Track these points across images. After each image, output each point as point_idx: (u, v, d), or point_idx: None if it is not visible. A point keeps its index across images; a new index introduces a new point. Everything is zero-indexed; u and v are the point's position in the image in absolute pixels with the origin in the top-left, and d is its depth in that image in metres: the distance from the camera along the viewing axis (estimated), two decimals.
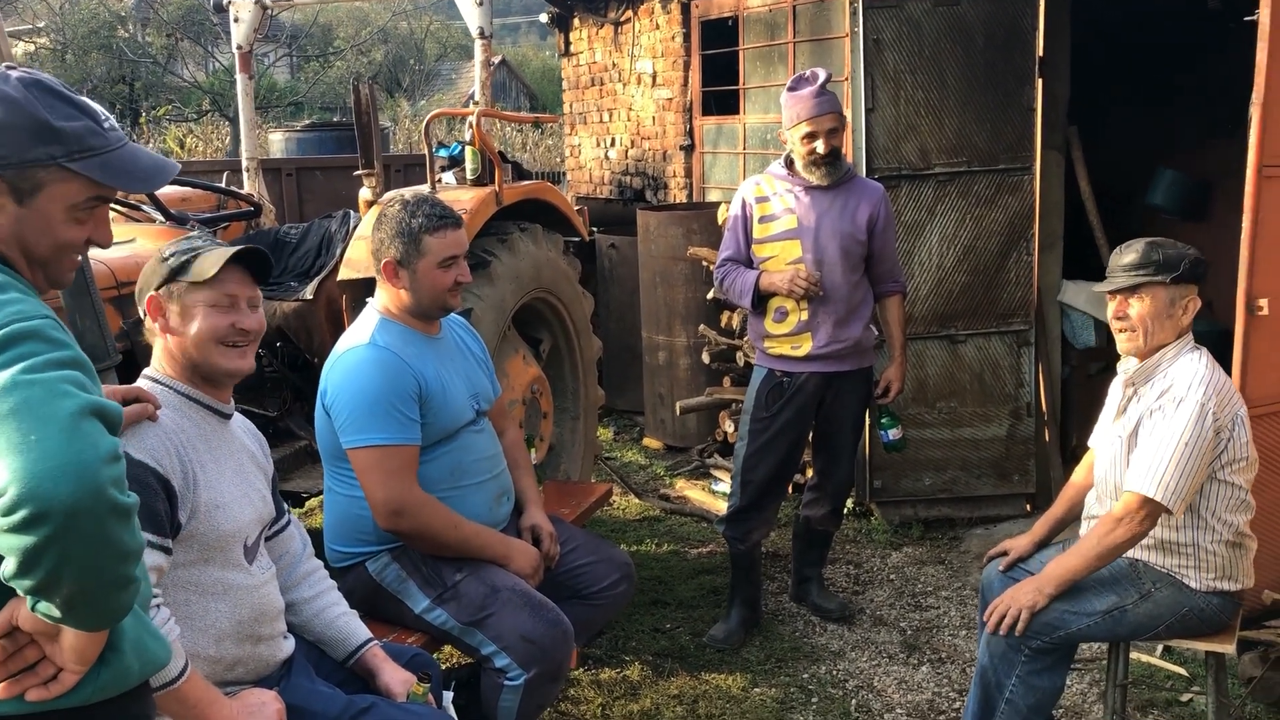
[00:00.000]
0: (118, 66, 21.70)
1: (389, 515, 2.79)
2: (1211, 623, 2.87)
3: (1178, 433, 2.72)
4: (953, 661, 3.95)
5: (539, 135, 18.85)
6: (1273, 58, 3.27)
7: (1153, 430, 2.79)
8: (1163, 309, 2.81)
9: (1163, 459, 2.72)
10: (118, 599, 1.41)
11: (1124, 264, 2.85)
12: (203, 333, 2.21)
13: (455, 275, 2.93)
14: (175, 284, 2.21)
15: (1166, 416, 2.76)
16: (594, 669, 3.88)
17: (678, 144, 7.74)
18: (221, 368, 2.24)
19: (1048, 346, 5.26)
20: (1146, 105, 6.86)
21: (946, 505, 5.15)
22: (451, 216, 2.93)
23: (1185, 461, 2.71)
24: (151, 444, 2.08)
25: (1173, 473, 2.71)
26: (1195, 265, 2.80)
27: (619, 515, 5.47)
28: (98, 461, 1.35)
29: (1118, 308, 2.87)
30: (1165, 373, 2.83)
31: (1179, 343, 2.85)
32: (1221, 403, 2.76)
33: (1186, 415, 2.72)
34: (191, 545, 2.13)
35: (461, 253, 2.94)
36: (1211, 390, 2.74)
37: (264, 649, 2.27)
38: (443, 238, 2.89)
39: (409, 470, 2.81)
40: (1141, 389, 2.88)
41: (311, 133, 8.13)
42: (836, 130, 3.81)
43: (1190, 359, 2.82)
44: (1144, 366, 2.87)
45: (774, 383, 4.00)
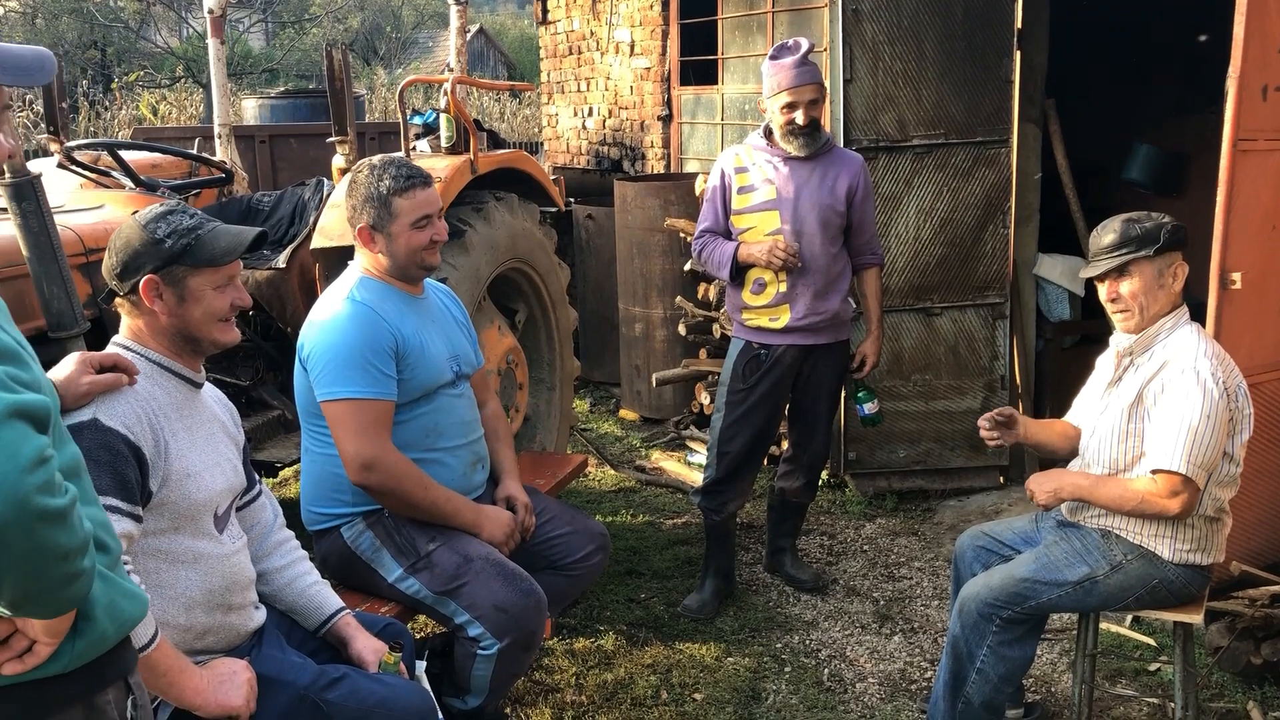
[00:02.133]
0: (89, 31, 21.35)
1: (359, 469, 2.77)
2: (1180, 594, 2.89)
3: (1196, 406, 2.69)
4: (924, 631, 3.98)
5: (517, 104, 18.69)
6: (1249, 31, 3.27)
7: (1168, 405, 2.75)
8: (1152, 282, 2.81)
9: (1187, 434, 2.68)
10: (66, 592, 1.37)
11: (1105, 245, 2.84)
12: (208, 314, 2.21)
13: (430, 234, 2.92)
14: (178, 267, 2.17)
15: (1179, 390, 2.73)
16: (568, 639, 3.89)
17: (656, 114, 7.69)
18: (220, 342, 2.26)
19: (1022, 319, 5.28)
20: (1123, 80, 6.87)
21: (920, 477, 5.18)
22: (420, 175, 2.91)
23: (1209, 434, 2.69)
24: (123, 411, 2.06)
25: (1199, 445, 2.68)
26: (1175, 232, 2.80)
27: (595, 486, 5.48)
28: (17, 472, 1.27)
29: (1109, 290, 2.86)
30: (1165, 344, 2.82)
31: (1175, 314, 2.84)
32: (1227, 372, 2.76)
33: (1201, 388, 2.70)
34: (162, 513, 2.11)
35: (434, 211, 2.93)
36: (1215, 361, 2.75)
37: (234, 618, 2.26)
38: (412, 198, 2.87)
39: (382, 425, 2.80)
40: (1139, 359, 2.87)
41: (285, 100, 8.04)
42: (817, 102, 3.79)
43: (1187, 331, 2.82)
44: (1142, 338, 2.85)
45: (751, 354, 3.99)
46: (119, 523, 1.96)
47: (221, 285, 2.22)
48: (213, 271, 2.20)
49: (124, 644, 1.59)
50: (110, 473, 1.98)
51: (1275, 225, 3.52)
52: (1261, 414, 3.59)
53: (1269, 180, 3.47)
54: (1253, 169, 3.40)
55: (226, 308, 2.23)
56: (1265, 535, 3.70)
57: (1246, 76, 3.31)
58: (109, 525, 1.54)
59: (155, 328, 2.20)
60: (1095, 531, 2.94)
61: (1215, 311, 3.43)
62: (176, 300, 2.18)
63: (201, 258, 2.18)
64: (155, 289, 2.17)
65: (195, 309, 2.19)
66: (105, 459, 1.98)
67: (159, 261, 2.16)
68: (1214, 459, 2.73)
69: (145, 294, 2.16)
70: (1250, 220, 3.44)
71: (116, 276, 2.19)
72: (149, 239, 2.16)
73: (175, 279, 2.17)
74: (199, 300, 2.19)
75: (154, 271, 2.16)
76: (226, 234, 2.23)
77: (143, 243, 2.17)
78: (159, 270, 2.16)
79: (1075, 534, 2.97)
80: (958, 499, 5.10)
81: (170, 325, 2.20)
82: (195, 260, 2.17)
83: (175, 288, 2.18)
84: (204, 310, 2.20)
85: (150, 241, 2.16)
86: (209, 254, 2.19)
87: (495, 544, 2.96)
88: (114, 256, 2.19)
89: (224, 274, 2.22)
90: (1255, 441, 3.46)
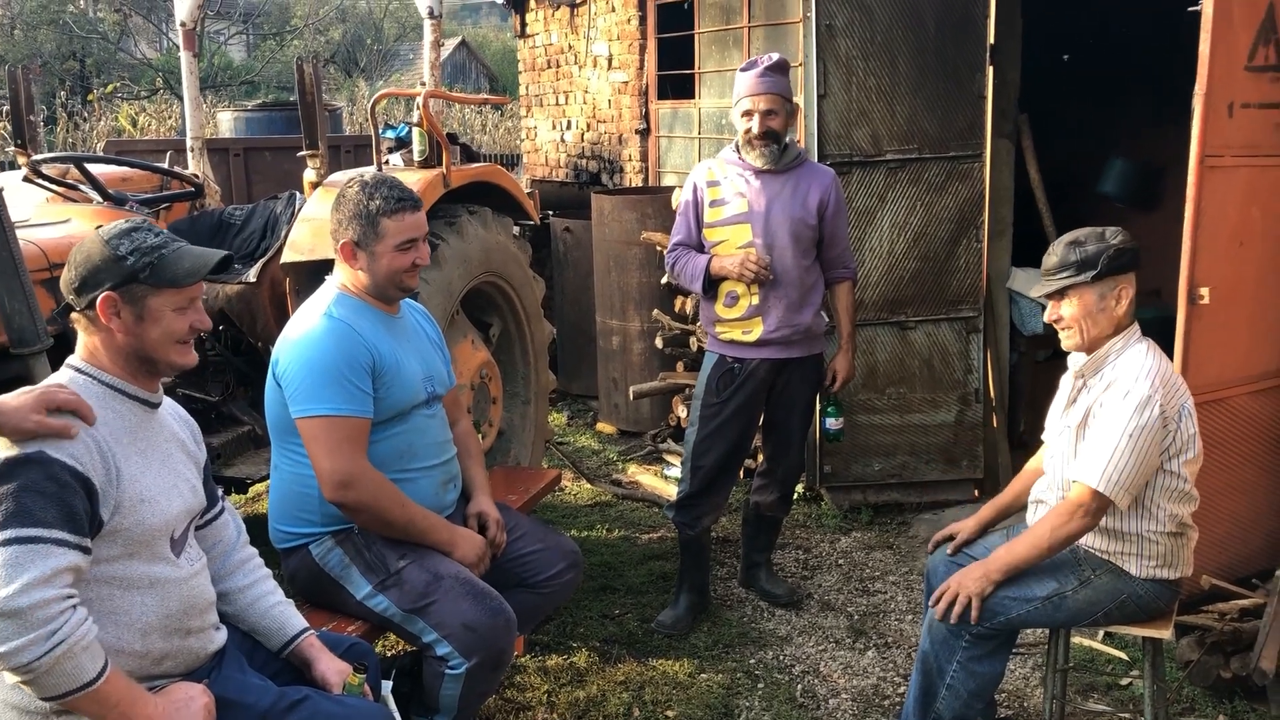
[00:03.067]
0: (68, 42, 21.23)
1: (335, 486, 2.74)
2: (1149, 609, 2.90)
3: (1122, 425, 2.74)
4: (898, 646, 3.97)
5: (498, 117, 18.69)
6: (1215, 49, 3.30)
7: (1099, 422, 2.80)
8: (1092, 306, 2.81)
9: (1108, 451, 2.74)
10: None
11: (1048, 268, 2.86)
12: (166, 336, 2.17)
13: (414, 257, 2.90)
14: (137, 286, 2.13)
15: (1112, 408, 2.77)
16: (541, 655, 3.87)
17: (633, 128, 7.70)
18: (177, 365, 2.22)
19: (996, 333, 5.29)
20: (1099, 94, 6.92)
21: (895, 490, 5.18)
22: (411, 199, 2.89)
23: (1130, 454, 2.72)
24: (72, 442, 2.01)
25: (1117, 464, 2.73)
26: (1117, 258, 2.78)
27: (570, 500, 5.46)
28: None
29: (1051, 311, 2.90)
30: (1113, 364, 2.84)
31: (1125, 334, 2.85)
32: (1168, 394, 2.76)
33: (1131, 407, 2.74)
34: (115, 540, 2.08)
35: (420, 235, 2.91)
36: (1158, 381, 2.75)
37: (193, 642, 2.23)
38: (401, 220, 2.85)
39: (358, 442, 2.77)
40: (1090, 380, 2.89)
41: (261, 112, 8.00)
42: (774, 112, 3.80)
43: (1137, 350, 2.83)
44: (1093, 359, 2.88)
45: (725, 368, 3.99)
46: (65, 555, 1.93)
47: (182, 307, 2.18)
48: (174, 292, 2.16)
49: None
50: (57, 504, 1.94)
51: (1243, 241, 3.54)
52: (1230, 428, 3.61)
53: (1236, 196, 3.49)
54: (1220, 185, 3.42)
55: (185, 330, 2.19)
56: (1235, 549, 3.71)
57: (1212, 94, 3.33)
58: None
59: (111, 346, 2.16)
60: None
61: (1184, 326, 3.45)
62: (134, 319, 2.14)
63: (163, 278, 2.14)
64: (113, 306, 2.13)
65: (153, 329, 2.15)
66: (51, 490, 1.94)
67: (118, 279, 2.11)
68: (1135, 480, 2.74)
69: (102, 311, 2.12)
70: (1218, 236, 3.46)
71: (74, 291, 2.14)
72: (110, 255, 2.12)
73: (134, 298, 2.13)
74: (157, 321, 2.15)
75: (113, 289, 2.11)
76: (190, 255, 2.19)
77: (103, 258, 2.12)
78: (118, 288, 2.12)
79: None
80: (933, 512, 5.10)
81: (126, 344, 2.16)
82: (156, 280, 2.14)
83: (134, 306, 2.14)
84: (162, 331, 2.16)
85: (112, 257, 2.12)
86: (171, 275, 2.15)
87: (467, 564, 2.93)
88: (73, 270, 2.14)
89: (185, 295, 2.18)
90: (1225, 456, 3.49)
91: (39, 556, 1.90)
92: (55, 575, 1.90)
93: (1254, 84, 3.44)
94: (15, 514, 1.91)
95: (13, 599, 1.86)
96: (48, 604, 1.88)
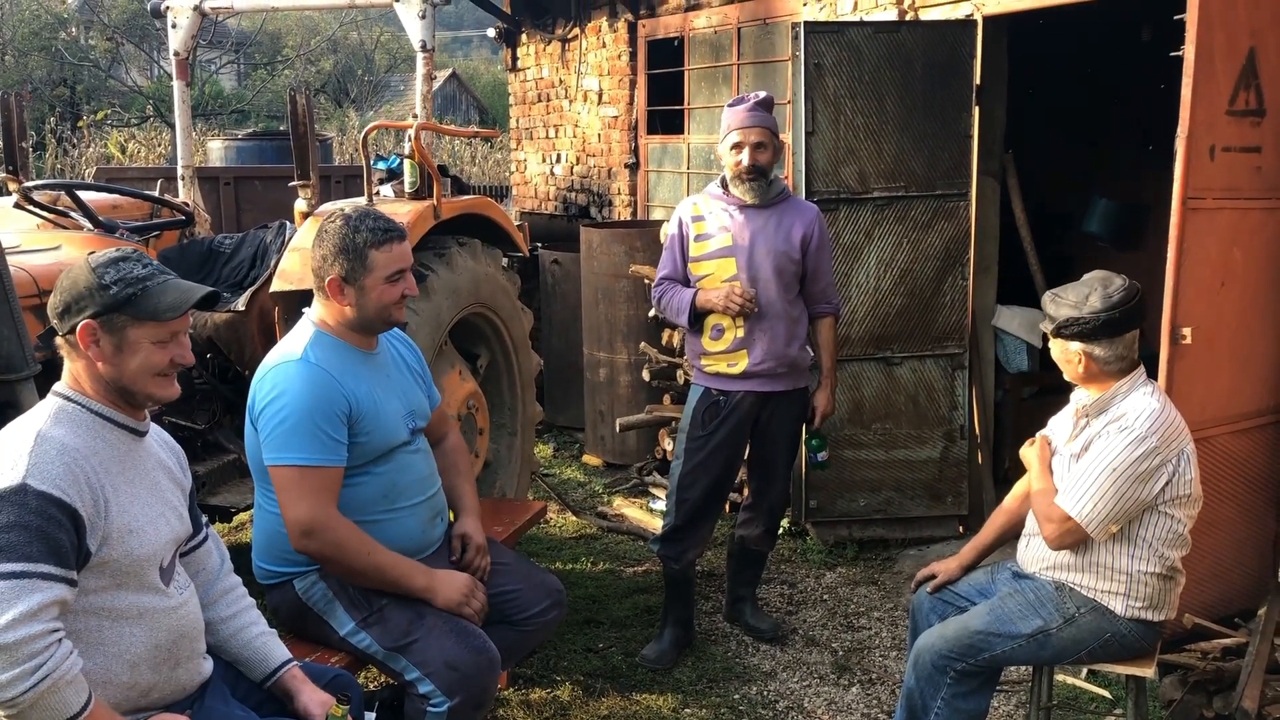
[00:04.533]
0: (59, 69, 21.29)
1: (299, 535, 2.70)
2: (1132, 648, 2.90)
3: (1110, 460, 2.76)
4: (883, 683, 3.96)
5: (488, 149, 18.78)
6: (1197, 93, 3.35)
7: (1092, 452, 2.82)
8: (1100, 359, 2.83)
9: (1089, 482, 2.77)
10: None
11: (1054, 318, 2.85)
12: (144, 368, 2.15)
13: (402, 289, 2.86)
14: (119, 316, 2.12)
15: (1108, 441, 2.79)
16: (524, 689, 3.85)
17: (623, 162, 7.76)
18: (156, 397, 2.21)
19: (981, 370, 5.32)
20: (1083, 135, 7.01)
21: (881, 526, 5.19)
22: (396, 229, 2.86)
23: (1111, 489, 2.75)
24: (57, 473, 2.00)
25: (1096, 497, 2.76)
26: (1119, 322, 2.78)
27: (555, 533, 5.44)
28: None
29: (1055, 348, 2.91)
30: (1118, 405, 2.85)
31: (1132, 376, 2.87)
32: (1167, 438, 2.77)
33: (1124, 444, 2.75)
34: (104, 572, 2.07)
35: (408, 266, 2.88)
36: (1160, 424, 2.76)
37: (181, 672, 2.22)
38: (389, 251, 2.82)
39: (328, 492, 2.73)
40: (1094, 420, 2.91)
41: (251, 141, 8.02)
42: (764, 145, 3.84)
43: (1143, 393, 2.84)
44: (1098, 401, 2.89)
45: (710, 401, 4.01)
46: (51, 589, 1.92)
47: (163, 340, 2.16)
48: (155, 325, 2.14)
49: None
50: (41, 538, 1.93)
51: (1224, 281, 3.59)
52: (1212, 467, 3.64)
53: (1218, 237, 3.54)
54: (1202, 226, 3.47)
55: (165, 363, 2.17)
56: (1217, 588, 3.73)
57: (1194, 137, 3.39)
58: None
59: (93, 374, 2.15)
60: (1049, 584, 2.95)
61: (1166, 366, 3.48)
62: (113, 349, 2.13)
63: (144, 310, 2.13)
64: (92, 335, 2.12)
65: (131, 360, 2.14)
66: (36, 524, 1.93)
67: (99, 307, 2.10)
68: (1111, 514, 2.77)
69: (81, 338, 2.11)
70: (1200, 276, 3.50)
71: (58, 316, 2.14)
72: (95, 283, 2.11)
73: (114, 328, 2.12)
74: (136, 352, 2.13)
75: (93, 316, 2.11)
76: (175, 289, 2.17)
77: (87, 285, 2.11)
78: (98, 316, 2.11)
79: (1029, 586, 2.98)
80: (918, 548, 5.11)
81: (105, 373, 2.14)
82: (138, 312, 2.12)
83: (113, 336, 2.12)
84: (140, 363, 2.14)
85: (96, 285, 2.11)
86: (153, 307, 2.13)
87: (452, 608, 2.84)
88: (58, 295, 2.14)
89: (167, 329, 2.16)
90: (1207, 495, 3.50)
91: (25, 591, 1.89)
92: (42, 610, 1.89)
93: (1235, 128, 3.50)
94: (0, 549, 1.91)
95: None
96: (34, 639, 1.87)
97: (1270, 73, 3.54)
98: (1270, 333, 3.75)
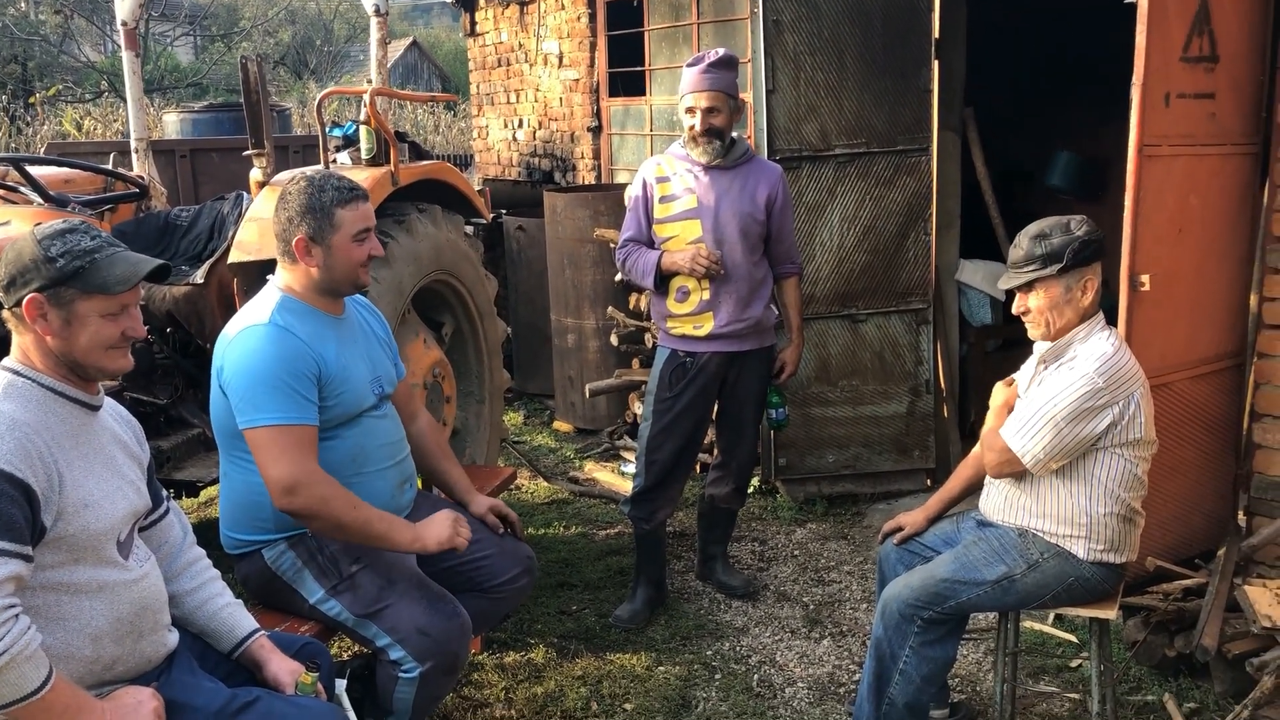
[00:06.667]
0: (9, 46, 20.85)
1: (282, 492, 2.68)
2: (1096, 591, 2.95)
3: (1052, 396, 2.82)
4: (854, 635, 4.01)
5: (451, 117, 18.60)
6: (1151, 40, 3.35)
7: (1040, 390, 2.88)
8: (1059, 298, 2.86)
9: (1030, 418, 2.84)
10: None
11: (1014, 260, 2.90)
12: (95, 342, 2.12)
13: (369, 249, 2.87)
14: (65, 289, 2.07)
15: (1054, 380, 2.85)
16: (498, 653, 3.86)
17: (585, 125, 7.70)
18: (108, 370, 2.17)
19: (946, 325, 5.35)
20: (1044, 90, 7.01)
21: (849, 481, 5.23)
22: (359, 190, 2.87)
23: (1049, 426, 2.81)
24: (8, 449, 1.97)
25: (1035, 432, 2.83)
26: (1083, 249, 2.83)
27: (527, 499, 5.45)
28: None
29: (1018, 304, 2.94)
30: (1073, 350, 2.89)
31: (1089, 323, 2.90)
32: (1115, 380, 2.80)
33: (1067, 383, 2.80)
34: (60, 547, 2.05)
35: (372, 226, 2.88)
36: (1108, 367, 2.80)
37: (145, 645, 2.21)
38: (355, 210, 2.82)
39: (307, 448, 2.72)
40: (1051, 366, 2.94)
41: (208, 114, 7.90)
42: (716, 110, 3.82)
43: (1099, 338, 2.88)
44: (1054, 346, 2.93)
45: (677, 363, 4.01)
46: (6, 565, 1.90)
47: (113, 313, 2.12)
48: (104, 298, 2.10)
49: None
50: None
51: (1181, 228, 3.61)
52: (1172, 412, 3.68)
53: (1174, 185, 3.55)
54: (1158, 174, 3.48)
55: (116, 336, 2.14)
56: (1179, 531, 3.78)
57: (1149, 85, 3.39)
58: None
59: (42, 348, 2.12)
60: (1013, 531, 2.99)
61: (1126, 314, 3.50)
62: (61, 323, 2.09)
63: (93, 283, 2.09)
64: (39, 309, 2.08)
65: (81, 334, 2.10)
66: None
67: (45, 281, 2.07)
68: (1052, 450, 2.83)
69: (28, 313, 2.08)
70: (1157, 223, 3.52)
71: (3, 288, 2.10)
72: (41, 255, 2.07)
73: (62, 301, 2.08)
74: (85, 326, 2.10)
75: (40, 290, 2.07)
76: (124, 261, 2.13)
77: (33, 258, 2.07)
78: (45, 290, 2.07)
79: (993, 534, 3.02)
80: (886, 502, 5.16)
81: (55, 347, 2.11)
82: (85, 285, 2.08)
83: (61, 310, 2.09)
84: (90, 336, 2.11)
85: (42, 258, 2.07)
86: (101, 280, 2.09)
87: (445, 544, 2.81)
88: (3, 267, 2.10)
89: (117, 302, 2.13)
90: (1166, 440, 3.55)
91: None
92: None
93: (1189, 74, 3.51)
94: None
95: None
96: None
97: (1222, 19, 3.54)
98: (1226, 278, 3.79)
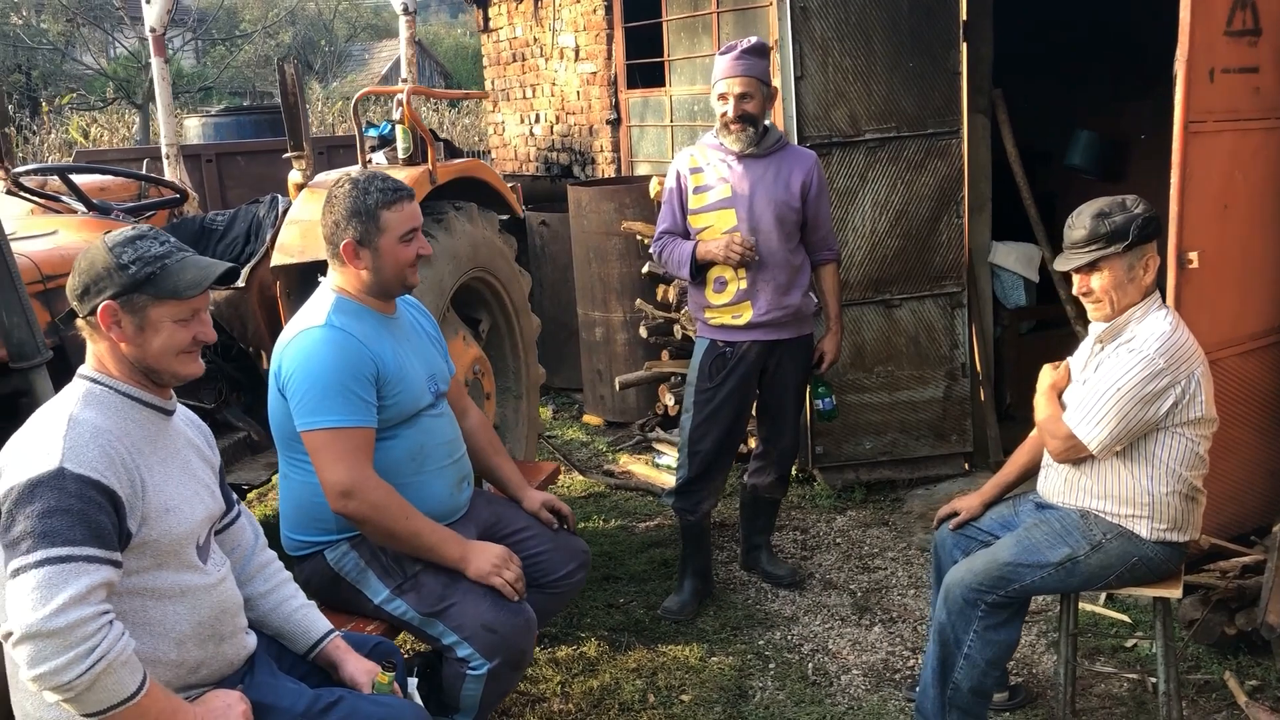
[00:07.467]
0: (13, 54, 20.86)
1: (338, 496, 2.70)
2: (1159, 571, 2.94)
3: (1116, 380, 2.81)
4: (904, 620, 4.00)
5: (456, 114, 18.58)
6: (1195, 16, 3.33)
7: (1101, 373, 2.87)
8: (1122, 277, 2.85)
9: (1095, 403, 2.83)
10: None
11: (1076, 240, 2.88)
12: (167, 347, 2.13)
13: (416, 249, 2.86)
14: (139, 295, 2.09)
15: (1117, 361, 2.84)
16: (550, 647, 3.87)
17: (604, 118, 7.69)
18: (180, 375, 2.19)
19: (980, 307, 5.34)
20: (1062, 71, 6.98)
21: (887, 468, 5.22)
22: (405, 189, 2.86)
23: (1115, 409, 2.80)
24: (93, 456, 1.98)
25: (1101, 417, 2.82)
26: (1145, 226, 2.83)
27: (564, 493, 5.45)
28: None
29: (1080, 284, 2.92)
30: (1132, 329, 2.89)
31: (1146, 301, 2.89)
32: (1176, 359, 2.80)
33: (1130, 365, 2.79)
34: (144, 552, 2.06)
35: (418, 226, 2.88)
36: (1169, 346, 2.79)
37: (227, 647, 2.21)
38: (400, 211, 2.81)
39: (363, 452, 2.73)
40: (1108, 345, 2.94)
41: (228, 117, 7.91)
42: (749, 95, 3.81)
43: (1156, 316, 2.87)
44: (1112, 325, 2.93)
45: (716, 353, 4.00)
46: (98, 572, 1.91)
47: (184, 318, 2.14)
48: (176, 304, 2.12)
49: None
50: (83, 522, 1.91)
51: (1227, 204, 3.59)
52: (1223, 389, 3.66)
53: (1219, 161, 3.53)
54: (1204, 150, 3.47)
55: (189, 341, 2.15)
56: (1232, 509, 3.77)
57: (1194, 60, 3.37)
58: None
59: (116, 355, 2.13)
60: (1074, 512, 2.98)
61: (1174, 291, 3.49)
62: (135, 329, 2.10)
63: (165, 289, 2.10)
64: (114, 315, 2.09)
65: (154, 340, 2.11)
66: (77, 508, 1.91)
67: (119, 288, 2.08)
68: (1118, 433, 2.82)
69: (103, 320, 2.09)
70: (1203, 200, 3.51)
71: (77, 297, 2.11)
72: (113, 263, 2.08)
73: (135, 308, 2.09)
74: (158, 331, 2.11)
75: (114, 297, 2.08)
76: (195, 266, 2.15)
77: (106, 266, 2.09)
78: (119, 297, 2.08)
79: (1054, 515, 3.01)
80: (925, 487, 5.15)
81: (129, 354, 2.12)
82: (158, 291, 2.09)
83: (135, 316, 2.10)
84: (163, 342, 2.12)
85: (115, 266, 2.08)
86: (173, 285, 2.10)
87: (482, 579, 2.81)
88: (77, 277, 2.11)
89: (188, 307, 2.14)
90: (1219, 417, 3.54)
91: (72, 575, 1.87)
92: (90, 592, 1.88)
93: (1233, 49, 3.49)
94: (44, 535, 1.89)
95: (50, 619, 1.84)
96: (85, 622, 1.86)
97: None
98: (1272, 253, 3.77)
